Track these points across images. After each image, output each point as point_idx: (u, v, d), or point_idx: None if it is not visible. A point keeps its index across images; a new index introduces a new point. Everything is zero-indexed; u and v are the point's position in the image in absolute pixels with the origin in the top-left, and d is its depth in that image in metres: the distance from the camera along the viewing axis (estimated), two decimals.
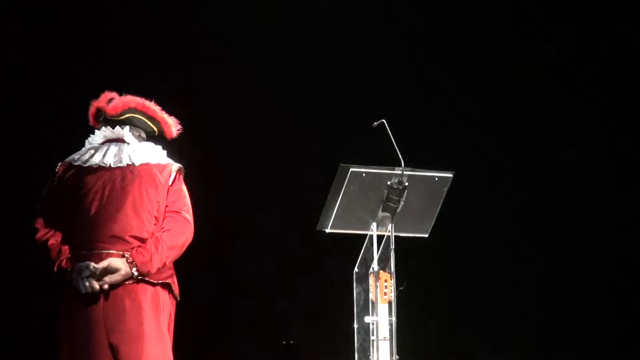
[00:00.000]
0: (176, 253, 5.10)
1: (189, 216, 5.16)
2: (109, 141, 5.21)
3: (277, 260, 7.79)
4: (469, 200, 8.10)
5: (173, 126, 5.32)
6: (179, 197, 5.20)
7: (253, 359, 7.65)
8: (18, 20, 7.89)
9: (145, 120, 5.30)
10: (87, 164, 5.14)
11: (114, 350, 4.98)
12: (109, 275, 4.88)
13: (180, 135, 5.41)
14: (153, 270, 5.00)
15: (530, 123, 8.55)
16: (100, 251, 4.93)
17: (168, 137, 5.35)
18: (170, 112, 5.40)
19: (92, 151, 5.18)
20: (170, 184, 5.16)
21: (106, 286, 4.88)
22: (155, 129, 5.31)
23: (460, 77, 8.44)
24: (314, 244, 6.89)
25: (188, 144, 5.63)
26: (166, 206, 5.12)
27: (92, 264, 4.93)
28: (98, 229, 4.99)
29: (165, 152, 5.28)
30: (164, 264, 5.07)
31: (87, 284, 4.85)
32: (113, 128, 5.18)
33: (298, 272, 7.75)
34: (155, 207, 5.09)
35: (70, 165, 5.11)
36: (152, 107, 5.30)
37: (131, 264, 4.94)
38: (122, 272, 4.91)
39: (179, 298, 5.19)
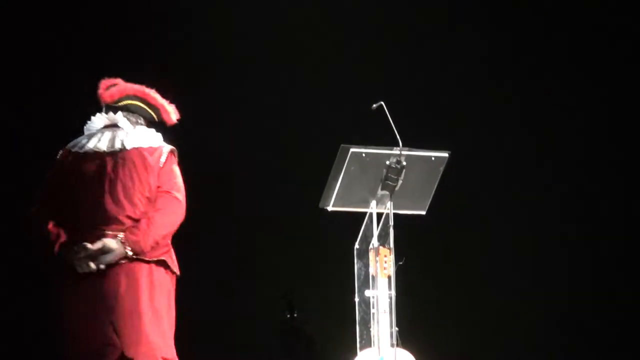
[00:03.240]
0: (167, 231, 5.17)
1: (180, 195, 5.24)
2: (107, 127, 5.30)
3: (282, 237, 7.77)
4: (467, 179, 8.05)
5: (172, 113, 5.40)
6: (170, 177, 5.26)
7: (256, 332, 7.65)
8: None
9: (144, 107, 5.39)
10: (83, 150, 5.24)
11: (115, 328, 5.07)
12: (104, 255, 4.99)
13: (181, 121, 5.47)
14: (146, 249, 5.08)
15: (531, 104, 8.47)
16: (97, 232, 5.04)
17: (168, 123, 5.42)
18: (171, 99, 5.45)
19: (90, 137, 5.28)
20: (161, 165, 5.23)
21: (102, 266, 4.99)
22: (155, 115, 5.39)
23: (459, 58, 8.38)
24: (316, 222, 6.93)
25: (188, 127, 5.68)
26: (158, 187, 5.19)
27: (88, 245, 5.01)
28: (93, 211, 5.10)
29: (160, 135, 5.36)
30: (157, 242, 5.15)
31: (84, 264, 4.95)
32: (107, 114, 5.28)
33: (301, 249, 7.73)
34: (146, 188, 5.17)
35: (69, 152, 5.23)
36: (152, 94, 5.38)
37: (124, 243, 5.02)
38: (117, 252, 5.01)
39: (178, 273, 5.27)
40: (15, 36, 7.79)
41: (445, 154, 6.25)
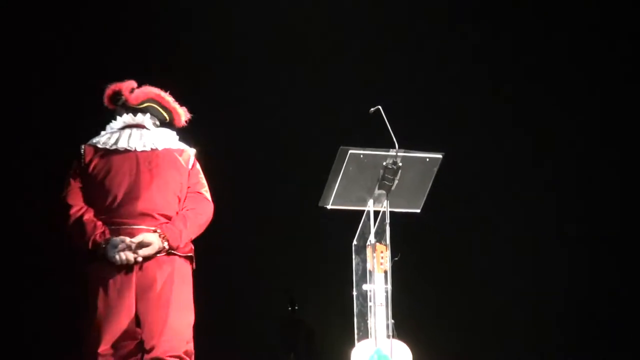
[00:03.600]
0: (200, 229, 5.38)
1: (209, 196, 5.44)
2: (128, 126, 5.44)
3: (283, 235, 7.75)
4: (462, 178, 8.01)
5: (183, 116, 5.57)
6: (198, 179, 5.47)
7: (260, 325, 7.57)
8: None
9: (160, 109, 5.55)
10: (114, 147, 5.36)
11: (138, 318, 5.18)
12: (144, 249, 5.12)
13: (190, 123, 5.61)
14: (182, 245, 5.25)
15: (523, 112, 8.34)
16: (131, 226, 5.18)
17: (177, 125, 5.59)
18: (181, 102, 5.57)
19: (116, 135, 5.40)
20: (190, 167, 5.43)
21: (140, 258, 5.12)
22: (168, 117, 5.55)
23: (458, 58, 8.31)
24: (316, 220, 6.94)
25: (198, 130, 5.77)
26: (188, 187, 5.38)
27: (127, 238, 5.14)
28: (128, 206, 5.25)
29: (177, 137, 5.53)
30: (190, 239, 5.32)
31: (124, 256, 5.08)
32: (135, 115, 5.42)
33: (302, 246, 7.71)
34: (178, 188, 5.35)
35: (96, 148, 5.35)
36: (167, 97, 5.56)
37: (163, 238, 5.18)
38: (155, 245, 5.16)
39: (194, 267, 5.41)
40: (14, 35, 7.67)
41: (439, 155, 6.32)
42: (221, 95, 7.84)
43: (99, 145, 5.36)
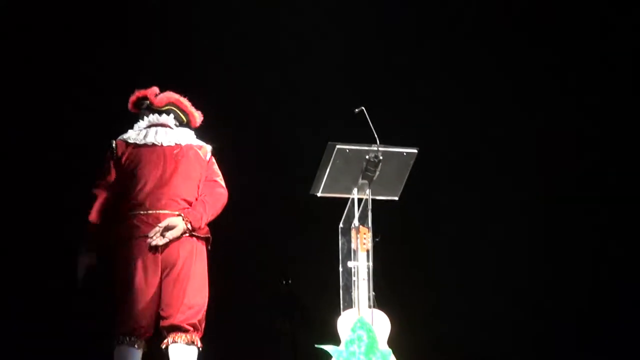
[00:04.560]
0: (217, 213, 5.73)
1: (224, 184, 5.78)
2: (153, 125, 5.78)
3: (280, 218, 7.76)
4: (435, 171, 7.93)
5: (198, 119, 5.95)
6: (214, 170, 5.84)
7: (258, 296, 7.49)
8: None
9: (179, 112, 5.91)
10: (143, 142, 5.69)
11: (161, 289, 5.53)
12: (170, 231, 5.49)
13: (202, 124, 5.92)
14: (202, 227, 5.60)
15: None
16: (158, 211, 5.54)
17: (193, 126, 5.97)
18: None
19: (144, 132, 5.73)
20: (207, 160, 5.80)
21: (167, 239, 5.50)
22: (185, 119, 5.93)
23: (433, 62, 8.21)
24: (308, 206, 6.94)
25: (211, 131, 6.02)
26: (205, 177, 5.74)
27: (158, 226, 5.48)
28: (156, 193, 5.58)
29: (195, 135, 5.88)
30: (208, 221, 5.67)
31: (157, 238, 5.48)
32: (160, 115, 5.80)
33: (295, 228, 7.71)
34: (199, 178, 5.71)
35: (127, 143, 5.69)
36: (185, 102, 5.95)
37: (187, 221, 5.54)
38: (180, 228, 5.52)
39: (210, 247, 5.74)
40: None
41: (415, 150, 6.42)
42: (214, 95, 7.52)
43: (130, 141, 5.69)
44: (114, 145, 5.72)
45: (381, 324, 6.23)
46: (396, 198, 6.57)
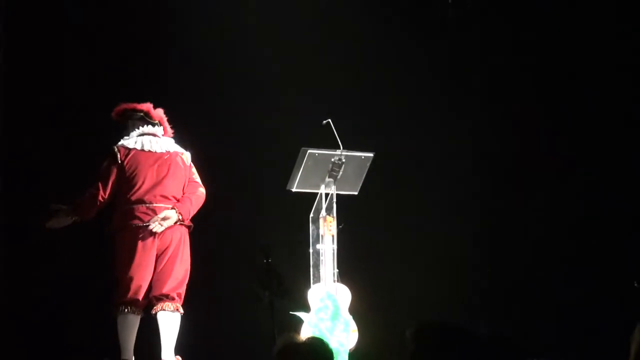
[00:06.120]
0: (199, 207, 6.28)
1: (201, 183, 6.33)
2: (145, 134, 6.22)
3: (259, 210, 7.87)
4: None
5: (168, 129, 6.43)
6: (194, 172, 6.34)
7: (241, 274, 7.31)
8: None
9: (159, 124, 6.42)
10: (141, 149, 6.17)
11: (156, 266, 6.10)
12: (166, 221, 6.08)
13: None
14: (189, 217, 6.22)
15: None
16: (154, 205, 6.09)
17: (165, 136, 6.41)
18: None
19: (140, 140, 6.19)
20: (189, 164, 6.31)
21: (164, 227, 6.10)
22: (162, 130, 6.42)
23: (394, 66, 8.15)
24: (283, 199, 7.17)
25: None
26: (188, 178, 6.27)
27: (157, 216, 6.03)
28: (153, 191, 6.12)
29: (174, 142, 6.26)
30: (193, 214, 6.25)
31: (158, 226, 6.07)
32: (153, 127, 6.28)
33: (274, 218, 7.75)
34: (184, 179, 6.25)
35: (127, 149, 6.13)
36: (163, 116, 6.40)
37: (179, 213, 6.13)
38: (174, 218, 6.09)
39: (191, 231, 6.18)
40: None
41: (371, 154, 6.91)
42: (196, 98, 7.69)
43: (130, 146, 6.16)
44: (116, 150, 6.15)
45: (343, 295, 6.67)
46: (356, 193, 7.03)
